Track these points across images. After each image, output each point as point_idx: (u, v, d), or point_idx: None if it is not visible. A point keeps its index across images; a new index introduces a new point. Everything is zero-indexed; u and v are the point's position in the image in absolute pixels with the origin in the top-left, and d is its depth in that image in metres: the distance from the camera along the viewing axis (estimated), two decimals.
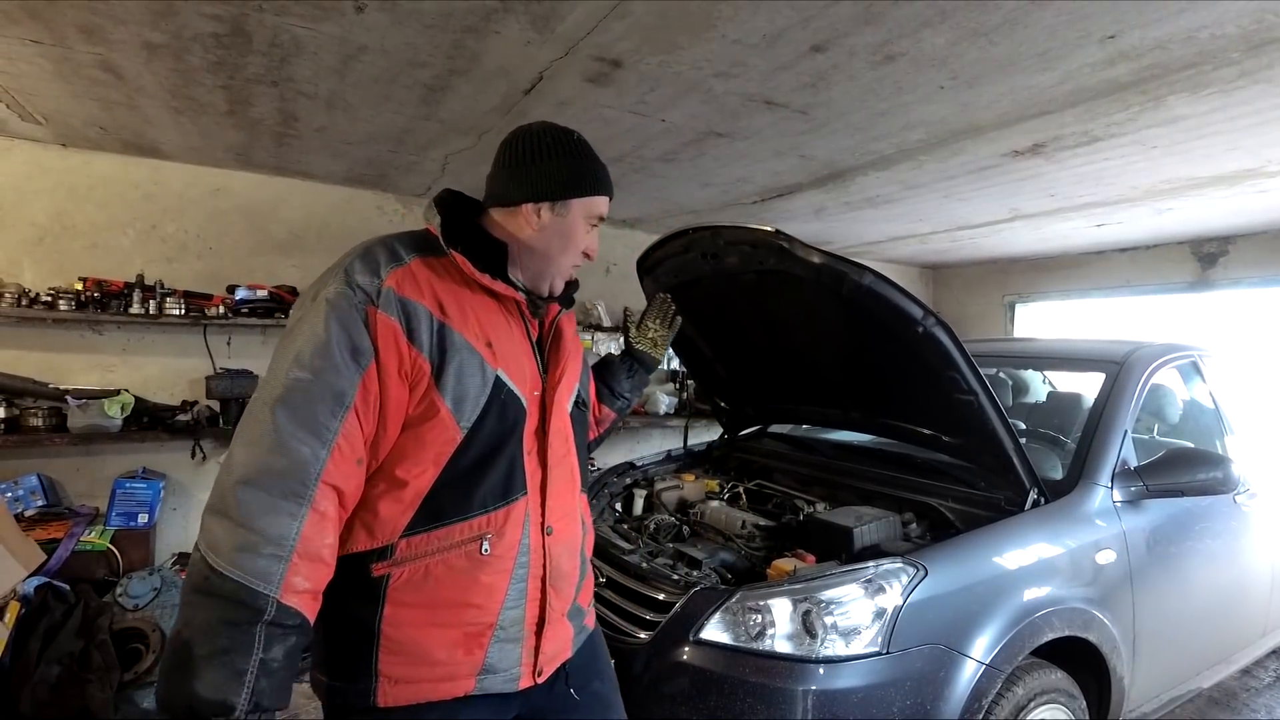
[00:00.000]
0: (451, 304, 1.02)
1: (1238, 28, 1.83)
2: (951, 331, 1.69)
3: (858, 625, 1.51)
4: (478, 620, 1.01)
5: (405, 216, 4.01)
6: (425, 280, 1.01)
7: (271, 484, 0.87)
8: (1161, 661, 2.08)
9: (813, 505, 2.18)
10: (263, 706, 0.83)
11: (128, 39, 2.02)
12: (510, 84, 2.30)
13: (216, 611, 0.83)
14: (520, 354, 1.11)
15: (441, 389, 0.99)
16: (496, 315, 1.09)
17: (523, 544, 1.06)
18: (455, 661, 1.00)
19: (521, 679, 1.07)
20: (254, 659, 0.83)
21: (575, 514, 1.18)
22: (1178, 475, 1.99)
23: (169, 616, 2.67)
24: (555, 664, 1.14)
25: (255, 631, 0.84)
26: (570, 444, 1.17)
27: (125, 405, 3.05)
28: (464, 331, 1.01)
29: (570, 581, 1.15)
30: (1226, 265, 4.76)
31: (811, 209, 4.03)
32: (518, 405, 1.07)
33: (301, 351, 0.92)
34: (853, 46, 1.98)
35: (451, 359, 0.99)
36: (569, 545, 1.15)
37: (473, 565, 1.01)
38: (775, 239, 1.71)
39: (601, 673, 1.27)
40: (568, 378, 1.19)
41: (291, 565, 0.86)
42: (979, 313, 6.28)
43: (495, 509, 1.03)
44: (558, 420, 1.14)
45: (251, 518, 0.85)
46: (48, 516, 2.93)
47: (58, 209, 3.15)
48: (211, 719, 0.80)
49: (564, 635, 1.15)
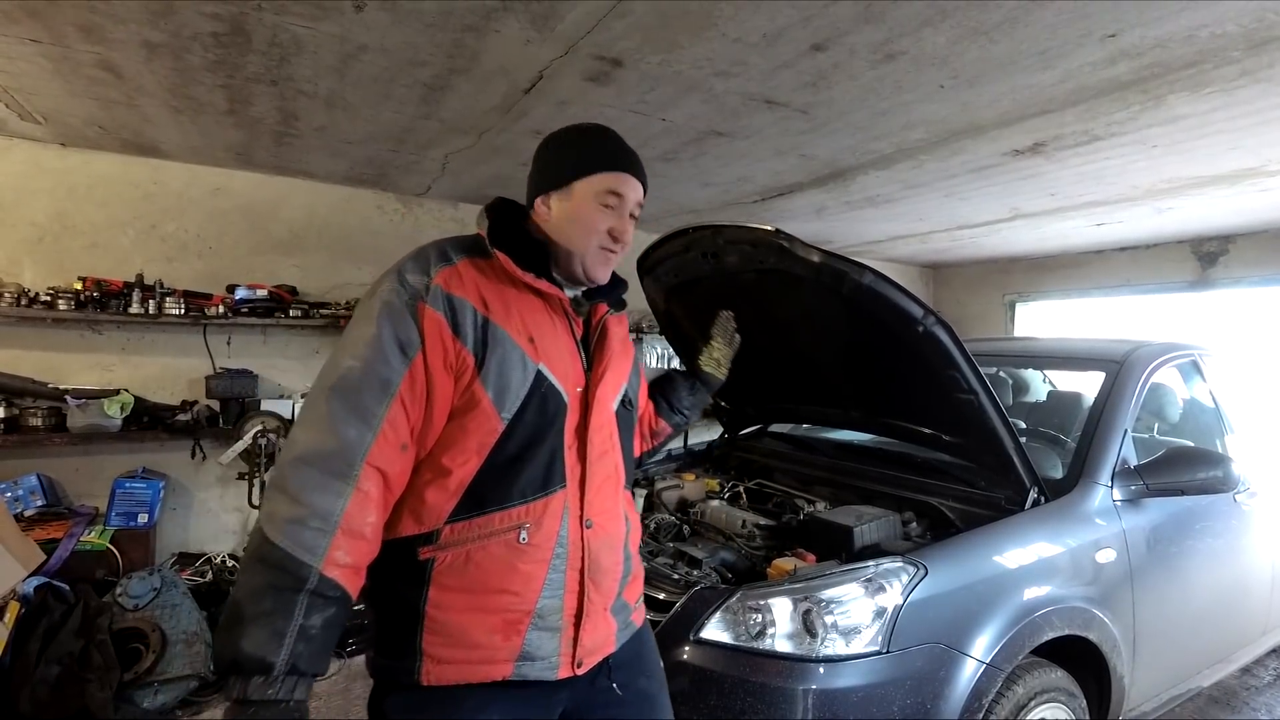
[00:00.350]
0: (496, 301, 1.07)
1: (1238, 26, 1.83)
2: (952, 330, 1.68)
3: (858, 624, 1.51)
4: (515, 607, 1.05)
5: (405, 216, 4.01)
6: (471, 279, 1.07)
7: (321, 463, 0.94)
8: (1161, 660, 2.08)
9: (813, 504, 2.18)
10: (299, 669, 0.89)
11: (127, 38, 2.01)
12: (510, 83, 2.30)
13: (266, 577, 0.90)
14: (563, 350, 1.13)
15: (484, 380, 1.03)
16: (541, 313, 1.13)
17: (560, 536, 1.09)
18: (494, 646, 1.03)
19: (560, 669, 1.08)
20: (294, 624, 0.89)
21: (617, 510, 1.19)
22: (1178, 474, 1.99)
23: (169, 616, 2.67)
24: (596, 657, 1.14)
25: (298, 599, 0.89)
26: (613, 441, 1.19)
27: (125, 405, 3.05)
28: (507, 326, 1.06)
29: (611, 576, 1.16)
30: (1227, 264, 4.76)
31: (812, 208, 4.03)
32: (558, 399, 1.10)
33: (355, 343, 1.00)
34: (853, 45, 1.97)
35: (494, 352, 1.04)
36: (609, 540, 1.16)
37: (511, 553, 1.04)
38: (775, 238, 1.71)
39: (648, 670, 1.27)
40: (611, 376, 1.20)
41: (335, 540, 0.92)
42: (979, 312, 6.28)
43: (534, 500, 1.07)
44: (599, 416, 1.15)
45: (302, 493, 0.92)
46: (47, 516, 2.93)
47: (57, 208, 3.15)
48: (252, 675, 0.87)
49: (606, 629, 1.16)
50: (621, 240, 1.17)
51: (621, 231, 1.16)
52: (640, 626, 1.27)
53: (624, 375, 1.26)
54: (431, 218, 4.10)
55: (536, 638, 1.06)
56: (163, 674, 2.56)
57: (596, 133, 1.21)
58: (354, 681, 2.83)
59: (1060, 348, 2.99)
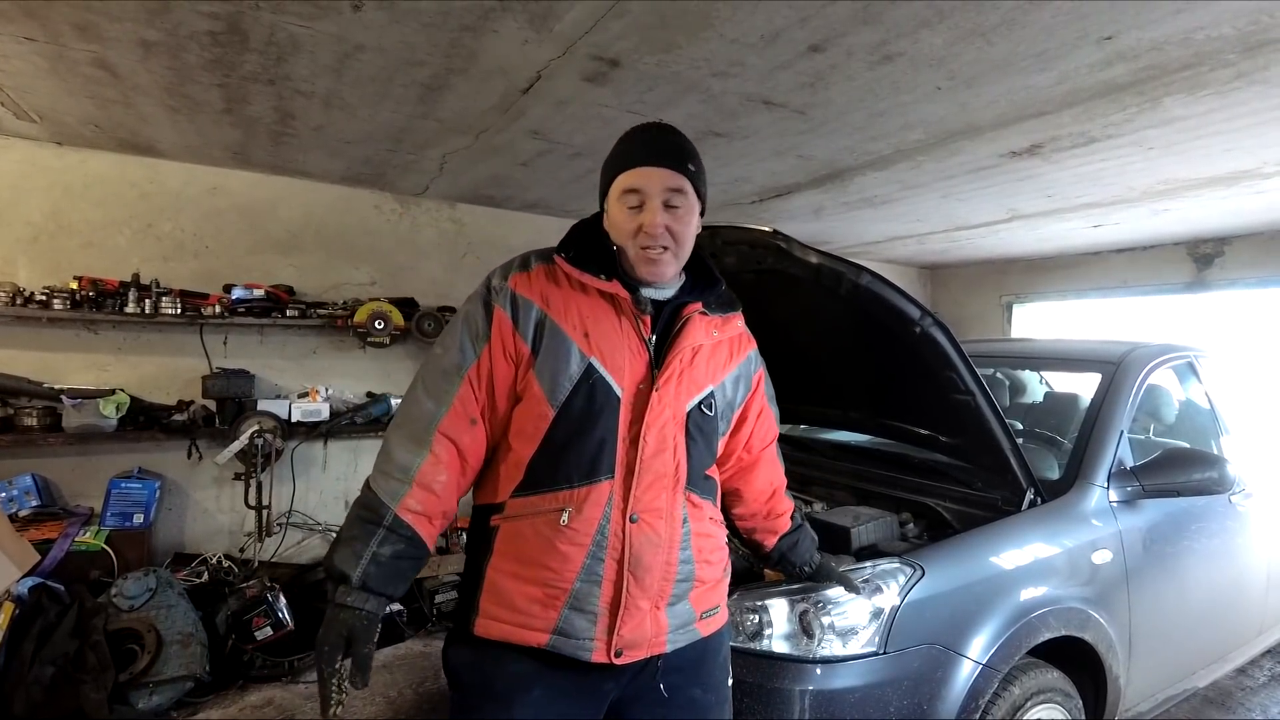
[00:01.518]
0: (557, 300, 1.17)
1: (1234, 29, 1.83)
2: (949, 331, 1.69)
3: (855, 625, 1.51)
4: (553, 583, 1.12)
5: (402, 216, 4.00)
6: (539, 281, 1.19)
7: (406, 429, 1.15)
8: (1157, 661, 2.08)
9: (810, 505, 2.18)
10: (369, 587, 1.08)
11: (123, 36, 2.01)
12: (508, 83, 2.30)
13: (358, 513, 1.12)
14: (622, 347, 1.17)
15: (537, 370, 1.15)
16: (604, 311, 1.18)
17: (601, 524, 1.13)
18: (533, 614, 1.13)
19: (595, 652, 1.12)
20: (370, 549, 1.09)
21: (670, 512, 1.18)
22: (1174, 475, 2.00)
23: (164, 617, 2.66)
24: (641, 652, 1.15)
25: (376, 531, 1.10)
26: (674, 443, 1.18)
27: (121, 405, 3.04)
28: (563, 323, 1.16)
29: (653, 575, 1.15)
30: (1223, 266, 4.77)
31: (810, 209, 4.04)
32: (608, 392, 1.15)
33: (445, 336, 1.21)
34: (851, 46, 1.98)
35: (547, 344, 1.15)
36: (654, 538, 1.16)
37: (553, 533, 1.12)
38: (773, 239, 1.71)
39: (706, 683, 1.25)
40: (683, 379, 1.20)
41: (410, 491, 1.11)
42: (976, 313, 6.29)
43: (578, 486, 1.13)
44: (656, 414, 1.16)
45: (390, 451, 1.15)
46: (42, 517, 2.91)
47: (53, 208, 3.14)
48: (339, 583, 1.08)
49: (653, 627, 1.16)
50: (652, 234, 1.15)
51: (652, 225, 1.15)
52: (707, 636, 1.25)
53: (708, 378, 1.24)
54: (429, 218, 4.09)
55: (570, 617, 1.12)
56: (158, 675, 2.55)
57: (624, 136, 1.25)
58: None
59: (1057, 349, 2.99)
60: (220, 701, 2.66)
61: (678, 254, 1.20)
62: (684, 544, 1.20)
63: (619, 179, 1.18)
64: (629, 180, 1.17)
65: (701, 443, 1.23)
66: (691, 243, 1.24)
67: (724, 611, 1.30)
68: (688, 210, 1.20)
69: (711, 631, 1.26)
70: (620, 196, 1.18)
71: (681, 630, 1.20)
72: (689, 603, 1.21)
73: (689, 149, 1.24)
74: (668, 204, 1.17)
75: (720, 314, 1.28)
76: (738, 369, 1.31)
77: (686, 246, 1.21)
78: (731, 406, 1.32)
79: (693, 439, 1.21)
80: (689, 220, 1.20)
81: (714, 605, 1.26)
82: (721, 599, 1.29)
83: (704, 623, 1.24)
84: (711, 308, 1.26)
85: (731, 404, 1.32)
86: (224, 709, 2.62)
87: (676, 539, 1.18)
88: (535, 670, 1.14)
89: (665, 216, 1.16)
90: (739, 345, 1.33)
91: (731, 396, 1.31)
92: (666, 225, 1.16)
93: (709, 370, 1.25)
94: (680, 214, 1.18)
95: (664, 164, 1.17)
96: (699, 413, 1.22)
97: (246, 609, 2.87)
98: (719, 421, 1.29)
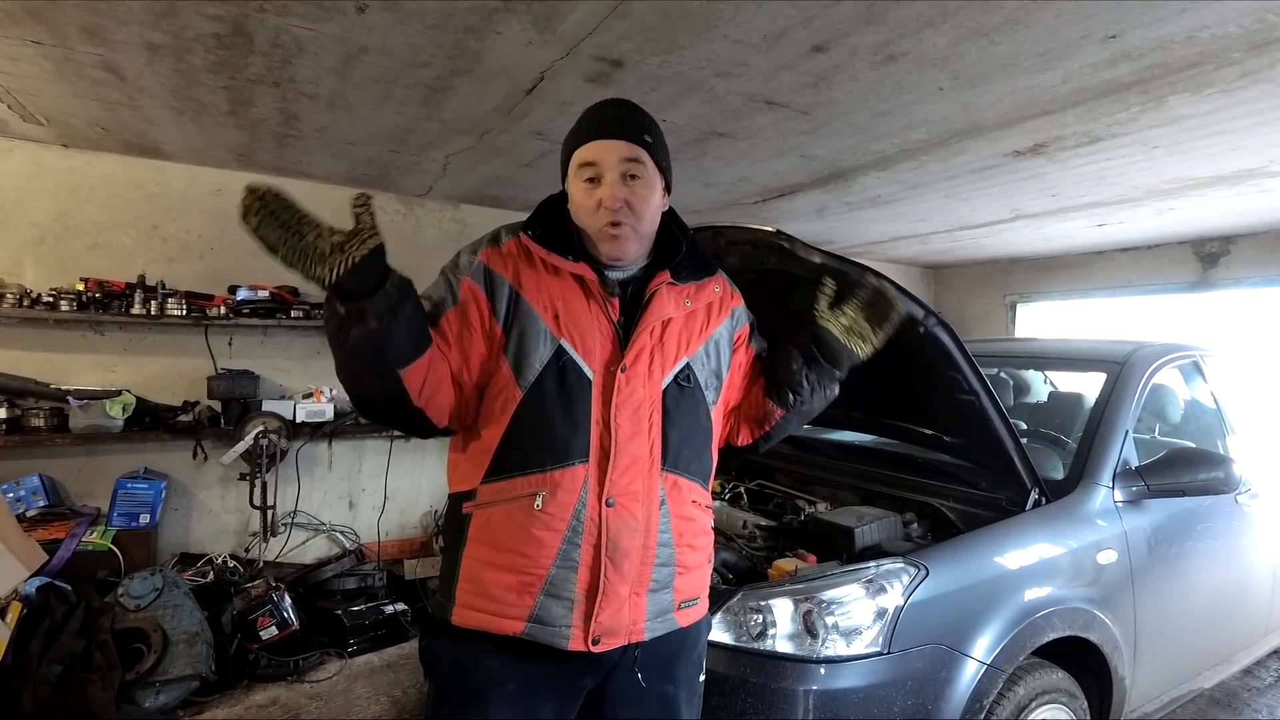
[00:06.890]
0: (529, 279, 1.15)
1: (1239, 27, 1.83)
2: (953, 331, 1.68)
3: (859, 625, 1.51)
4: (528, 570, 1.10)
5: (406, 216, 4.01)
6: (511, 258, 1.16)
7: None
8: (1163, 661, 2.07)
9: (814, 505, 2.18)
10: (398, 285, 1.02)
11: (129, 39, 2.02)
12: (512, 84, 2.30)
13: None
14: (593, 329, 1.15)
15: (506, 350, 1.13)
16: (573, 293, 1.16)
17: (577, 509, 1.10)
18: (508, 602, 1.10)
19: (571, 640, 1.09)
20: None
21: (647, 495, 1.14)
22: (1179, 475, 1.99)
23: (170, 617, 2.67)
24: (618, 639, 1.12)
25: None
26: (648, 422, 1.14)
27: (127, 405, 3.05)
28: (534, 302, 1.13)
29: (631, 559, 1.12)
30: (1228, 265, 4.75)
31: (813, 209, 4.03)
32: (579, 374, 1.12)
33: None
34: (854, 46, 1.98)
35: (518, 324, 1.13)
36: (631, 522, 1.12)
37: (527, 518, 1.10)
38: (776, 239, 1.71)
39: (678, 678, 1.22)
40: (653, 356, 1.16)
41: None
42: (980, 313, 6.28)
43: (551, 469, 1.10)
44: (623, 397, 1.12)
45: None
46: (49, 517, 2.93)
47: (59, 209, 3.16)
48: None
49: (631, 614, 1.13)
50: (611, 207, 1.12)
51: (610, 199, 1.11)
52: (685, 628, 1.21)
53: (683, 349, 1.20)
54: (433, 218, 4.10)
55: (547, 603, 1.10)
56: (164, 674, 2.56)
57: (581, 114, 1.21)
58: (354, 681, 2.84)
59: (1061, 348, 2.98)
60: (226, 700, 2.67)
61: (638, 229, 1.15)
62: (663, 527, 1.15)
63: (575, 154, 1.16)
64: (585, 154, 1.15)
65: (682, 420, 1.18)
66: (655, 218, 1.20)
67: (704, 604, 1.26)
68: (647, 183, 1.15)
69: (690, 623, 1.22)
70: (577, 171, 1.15)
71: (660, 619, 1.16)
72: (671, 590, 1.17)
73: (646, 121, 1.19)
74: (627, 176, 1.13)
75: (694, 281, 1.23)
76: (717, 331, 1.25)
77: (648, 221, 1.17)
78: (717, 374, 1.26)
79: (670, 417, 1.16)
80: (649, 195, 1.15)
81: (694, 595, 1.22)
82: (702, 590, 1.25)
83: (683, 613, 1.20)
84: (682, 276, 1.21)
85: (716, 371, 1.26)
86: (229, 708, 2.63)
87: (655, 522, 1.14)
88: (511, 663, 1.11)
89: (624, 190, 1.12)
90: (719, 307, 1.27)
91: (715, 364, 1.25)
92: (625, 199, 1.12)
93: (682, 342, 1.20)
94: (639, 186, 1.14)
95: (619, 135, 1.14)
96: (675, 387, 1.18)
97: (252, 608, 2.89)
98: (703, 392, 1.22)
